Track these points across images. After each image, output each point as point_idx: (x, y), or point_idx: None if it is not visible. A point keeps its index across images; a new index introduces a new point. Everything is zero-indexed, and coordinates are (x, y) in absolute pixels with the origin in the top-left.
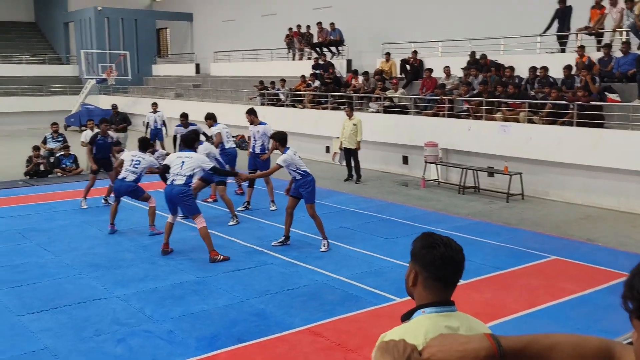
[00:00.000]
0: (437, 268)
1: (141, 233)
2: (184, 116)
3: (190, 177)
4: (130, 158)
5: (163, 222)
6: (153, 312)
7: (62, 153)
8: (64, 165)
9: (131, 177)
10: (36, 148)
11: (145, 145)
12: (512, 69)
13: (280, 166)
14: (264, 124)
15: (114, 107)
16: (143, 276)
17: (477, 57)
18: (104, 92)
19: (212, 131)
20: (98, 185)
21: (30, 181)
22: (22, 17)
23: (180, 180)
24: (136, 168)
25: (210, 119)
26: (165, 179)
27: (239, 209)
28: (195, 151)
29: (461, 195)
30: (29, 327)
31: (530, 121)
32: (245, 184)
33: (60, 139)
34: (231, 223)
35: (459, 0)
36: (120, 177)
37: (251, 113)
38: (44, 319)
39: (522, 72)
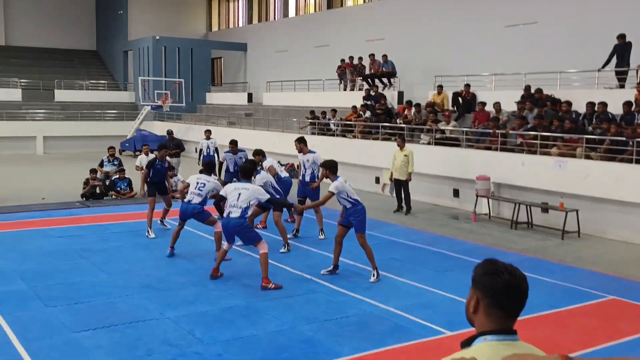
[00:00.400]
0: (500, 295)
1: (194, 256)
2: (234, 143)
3: (246, 209)
4: (195, 181)
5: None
6: (203, 335)
7: (118, 176)
8: (118, 188)
9: (197, 200)
10: (93, 171)
11: (210, 169)
12: (569, 103)
13: (332, 194)
14: (313, 152)
15: (170, 132)
16: (193, 299)
17: (532, 91)
18: (159, 118)
19: (263, 166)
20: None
21: (87, 203)
22: (84, 46)
23: (236, 213)
24: (201, 191)
25: (259, 154)
26: (219, 208)
27: (288, 236)
28: (250, 182)
29: (513, 231)
30: (83, 344)
31: (588, 157)
32: None
33: (116, 163)
34: (282, 250)
35: (514, 34)
36: (186, 200)
37: (301, 141)
38: (98, 337)
39: (579, 107)
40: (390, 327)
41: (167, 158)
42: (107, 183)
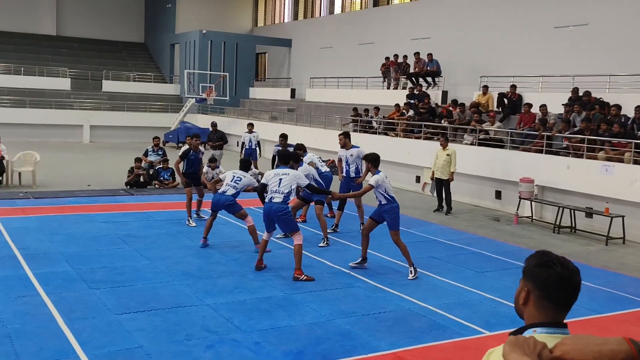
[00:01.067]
0: (552, 288)
1: (232, 247)
2: (284, 137)
3: (288, 194)
4: (232, 175)
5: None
6: (241, 323)
7: (161, 166)
8: (162, 178)
9: (231, 192)
10: (138, 160)
11: (247, 166)
12: (618, 107)
13: (372, 186)
14: (356, 147)
15: (214, 124)
16: (232, 288)
17: (580, 93)
18: (203, 111)
19: (304, 161)
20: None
21: (131, 190)
22: (133, 38)
23: (278, 198)
24: (237, 184)
25: (300, 149)
26: (263, 198)
27: (328, 231)
28: (291, 168)
29: (556, 235)
30: (125, 326)
31: (636, 162)
32: (335, 206)
33: (160, 153)
34: (321, 244)
35: (563, 35)
36: (220, 191)
37: (346, 136)
38: (139, 320)
39: (629, 111)
40: (428, 325)
41: (201, 148)
42: (151, 172)
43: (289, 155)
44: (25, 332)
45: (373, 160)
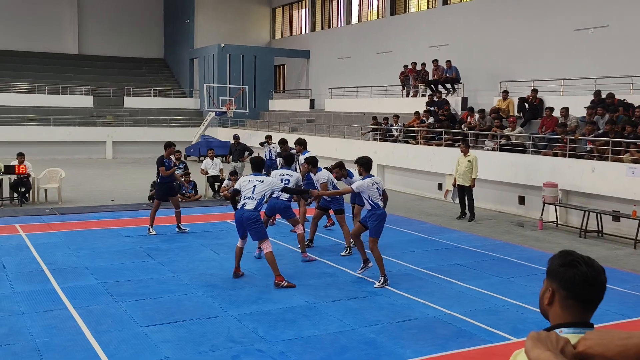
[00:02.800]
0: (577, 287)
1: (254, 258)
2: (301, 143)
3: (261, 200)
4: (280, 178)
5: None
6: (265, 333)
7: (184, 179)
8: (184, 191)
9: (284, 197)
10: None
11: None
12: None
13: (352, 190)
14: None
15: (236, 137)
16: (256, 298)
17: (603, 96)
18: (223, 124)
19: (300, 160)
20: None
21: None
22: (152, 54)
23: (250, 205)
24: (287, 182)
25: (301, 144)
26: (235, 204)
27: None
28: (263, 174)
29: (582, 239)
30: (150, 338)
31: None
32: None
33: (182, 166)
34: (343, 253)
35: (583, 38)
36: (274, 196)
37: (340, 167)
38: (165, 331)
39: None
40: (454, 332)
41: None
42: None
43: (261, 162)
44: (53, 345)
45: (364, 164)
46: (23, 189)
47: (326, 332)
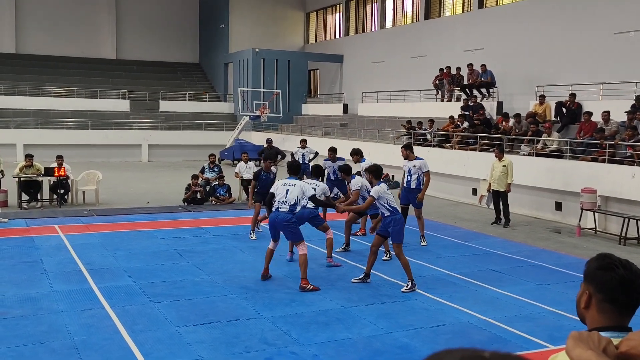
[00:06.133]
0: (614, 291)
1: (287, 261)
2: (333, 150)
3: (295, 205)
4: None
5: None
6: (299, 336)
7: (217, 183)
8: (218, 194)
9: (310, 205)
10: (195, 177)
11: (297, 170)
12: None
13: (374, 198)
14: (420, 159)
15: (269, 141)
16: (289, 301)
17: None
18: (257, 128)
19: (361, 167)
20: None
21: (188, 207)
22: (188, 59)
23: (284, 208)
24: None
25: (357, 154)
26: (270, 207)
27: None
28: (299, 179)
29: (622, 247)
30: (185, 338)
31: None
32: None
33: (216, 170)
34: (385, 258)
35: (623, 41)
36: (302, 205)
37: (407, 148)
38: (199, 332)
39: None
40: (489, 338)
41: (272, 169)
42: (208, 189)
43: (297, 167)
44: (91, 343)
45: (374, 172)
46: (62, 191)
47: (359, 335)
